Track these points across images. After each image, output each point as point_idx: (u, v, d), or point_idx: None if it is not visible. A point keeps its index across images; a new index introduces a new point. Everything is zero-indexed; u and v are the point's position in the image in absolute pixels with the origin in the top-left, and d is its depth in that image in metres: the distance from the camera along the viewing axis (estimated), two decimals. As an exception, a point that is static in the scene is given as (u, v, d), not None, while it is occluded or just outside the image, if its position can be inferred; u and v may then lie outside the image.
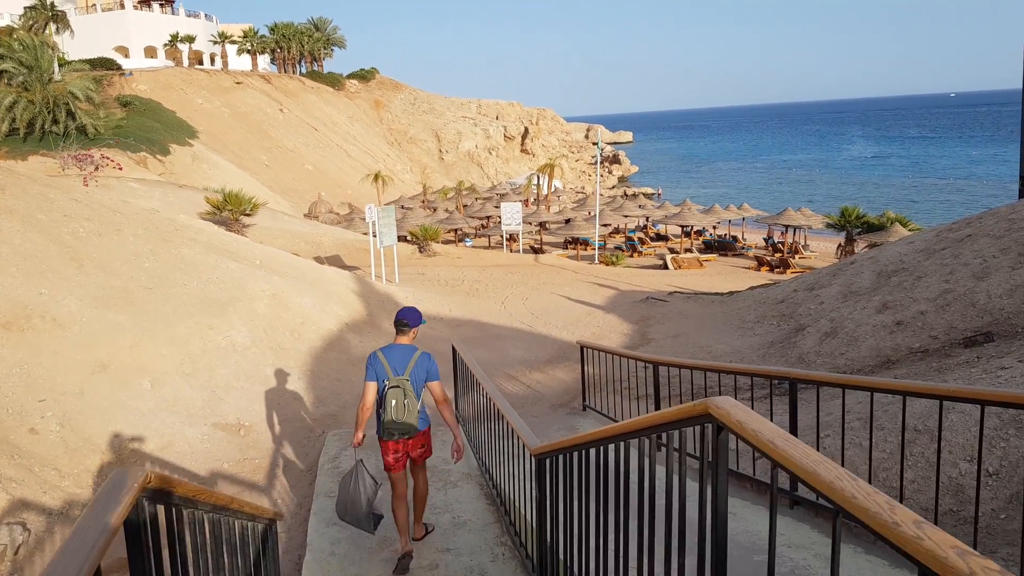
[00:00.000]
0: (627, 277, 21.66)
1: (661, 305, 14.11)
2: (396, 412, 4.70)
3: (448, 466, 6.61)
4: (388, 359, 4.80)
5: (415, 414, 4.79)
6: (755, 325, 11.36)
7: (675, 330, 11.91)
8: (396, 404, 4.70)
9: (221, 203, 18.03)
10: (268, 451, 7.38)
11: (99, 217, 9.85)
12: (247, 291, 9.69)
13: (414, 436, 4.87)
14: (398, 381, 4.70)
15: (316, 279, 11.98)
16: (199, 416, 7.52)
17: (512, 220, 26.23)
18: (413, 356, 4.82)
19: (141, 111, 48.94)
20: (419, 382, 4.83)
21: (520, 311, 14.24)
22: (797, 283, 12.62)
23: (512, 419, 4.60)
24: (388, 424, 4.75)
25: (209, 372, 8.15)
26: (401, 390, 4.70)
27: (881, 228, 29.29)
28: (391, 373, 4.74)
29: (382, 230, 15.74)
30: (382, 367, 4.77)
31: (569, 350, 11.38)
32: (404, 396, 4.72)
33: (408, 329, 4.93)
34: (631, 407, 7.94)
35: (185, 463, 6.85)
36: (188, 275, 9.42)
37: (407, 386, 4.72)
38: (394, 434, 4.78)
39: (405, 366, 4.77)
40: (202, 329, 8.49)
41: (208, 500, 2.63)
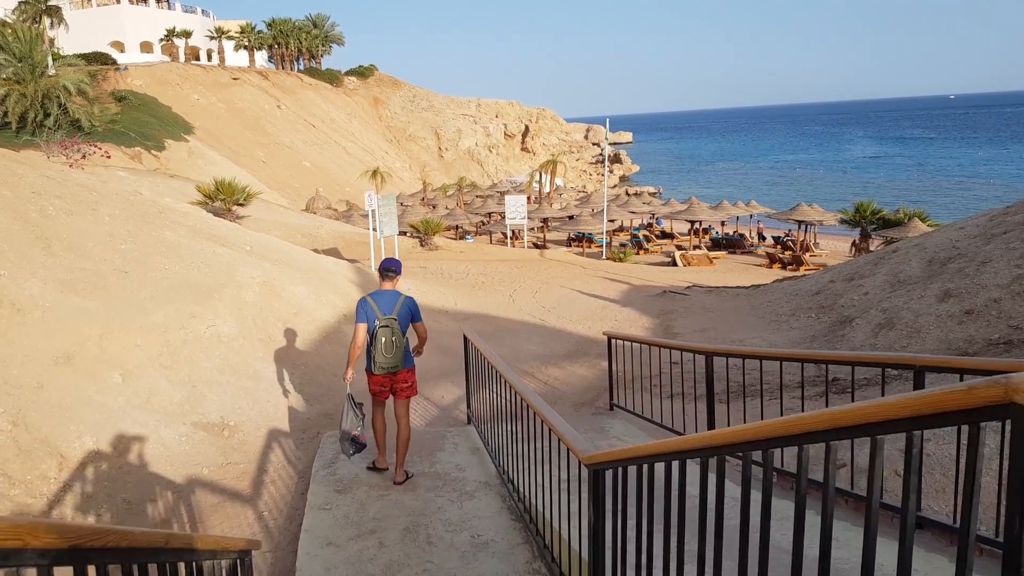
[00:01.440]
0: (637, 273, 20.75)
1: (681, 299, 13.20)
2: (385, 348, 5.32)
3: (462, 473, 5.69)
4: (377, 302, 5.41)
5: (402, 351, 5.40)
6: (790, 318, 10.45)
7: (701, 324, 10.99)
8: (385, 341, 5.32)
9: (213, 192, 17.10)
10: (255, 454, 6.46)
11: (72, 195, 8.92)
12: (235, 277, 8.76)
13: (399, 372, 5.46)
14: (387, 321, 5.32)
15: (312, 267, 11.05)
16: (177, 414, 6.59)
17: (517, 214, 25.32)
18: (399, 300, 5.44)
19: (136, 106, 48.00)
20: (405, 322, 5.44)
21: (530, 305, 13.33)
22: (832, 274, 11.72)
23: (552, 419, 3.68)
24: (378, 359, 5.36)
25: (190, 365, 7.22)
26: (390, 329, 5.32)
27: (897, 224, 28.40)
28: (380, 314, 5.34)
29: (382, 219, 14.81)
30: (372, 309, 5.37)
31: (587, 345, 10.47)
32: (392, 334, 5.33)
33: (394, 275, 5.54)
34: (667, 406, 7.02)
35: (159, 468, 5.92)
36: (169, 259, 8.49)
37: (395, 325, 5.34)
38: (384, 368, 5.38)
39: (392, 308, 5.38)
40: (183, 317, 7.56)
41: (141, 543, 1.71)
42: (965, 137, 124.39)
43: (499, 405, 5.82)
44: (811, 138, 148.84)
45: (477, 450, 6.24)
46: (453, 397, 8.28)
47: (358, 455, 5.71)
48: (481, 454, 6.13)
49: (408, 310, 5.47)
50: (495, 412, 6.00)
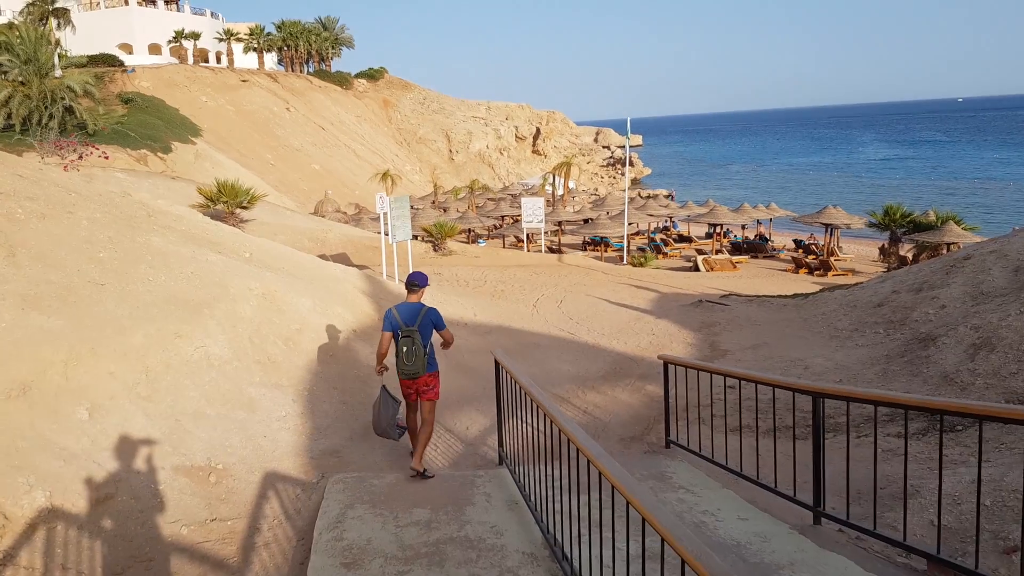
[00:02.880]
0: (662, 279, 19.61)
1: (721, 310, 12.06)
2: (406, 357, 5.80)
3: (499, 539, 4.58)
4: (400, 313, 5.89)
5: (422, 359, 5.83)
6: (853, 334, 9.30)
7: (751, 339, 9.86)
8: (406, 350, 5.79)
9: (215, 194, 16.10)
10: (246, 507, 5.37)
11: (47, 196, 7.90)
12: (230, 290, 7.70)
13: (421, 376, 5.89)
14: (408, 331, 5.79)
15: (317, 276, 9.99)
16: (155, 456, 5.51)
17: (534, 217, 24.20)
18: (421, 311, 5.89)
19: (143, 108, 47.28)
20: (427, 331, 5.89)
21: (556, 316, 12.22)
22: (893, 283, 10.56)
23: (665, 525, 2.54)
24: (400, 366, 5.86)
25: (173, 395, 6.15)
26: (411, 339, 5.79)
27: (929, 228, 27.09)
28: (403, 324, 5.83)
29: (395, 223, 13.74)
30: (396, 320, 5.87)
31: (626, 364, 9.35)
32: (412, 344, 5.79)
33: (418, 288, 6.01)
34: (732, 443, 5.90)
35: (128, 527, 4.85)
36: (155, 268, 7.43)
37: (416, 336, 5.80)
38: (405, 373, 5.86)
39: (415, 319, 5.84)
40: (166, 338, 6.50)
41: None
42: (976, 140, 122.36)
43: (539, 441, 4.74)
44: (821, 141, 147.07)
45: (515, 504, 5.14)
46: (479, 428, 7.18)
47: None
48: (521, 510, 5.02)
49: (430, 320, 5.91)
50: (534, 450, 4.92)
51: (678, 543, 2.35)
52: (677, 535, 2.39)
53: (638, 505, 2.72)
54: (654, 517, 2.56)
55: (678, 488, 5.29)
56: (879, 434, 6.05)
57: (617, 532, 4.03)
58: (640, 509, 2.68)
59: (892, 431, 6.05)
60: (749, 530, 4.33)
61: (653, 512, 2.59)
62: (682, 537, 2.36)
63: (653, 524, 2.54)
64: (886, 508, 4.70)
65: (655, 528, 2.53)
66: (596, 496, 3.49)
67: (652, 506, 2.63)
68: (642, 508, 2.67)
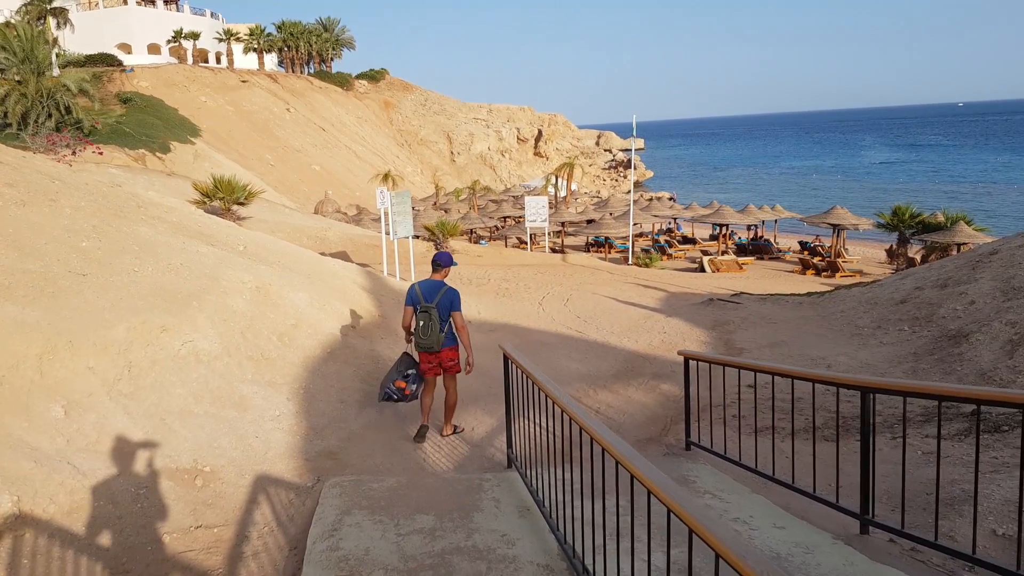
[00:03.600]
0: (668, 279, 19.19)
1: (733, 308, 11.64)
2: (423, 332, 6.14)
3: (511, 549, 4.15)
4: (421, 289, 6.22)
5: (438, 335, 6.13)
6: (876, 331, 8.88)
7: (767, 337, 9.43)
8: (423, 325, 6.14)
9: (211, 190, 15.69)
10: (234, 512, 4.94)
11: (27, 183, 7.48)
12: (221, 282, 7.28)
13: (439, 351, 6.20)
14: (427, 307, 6.10)
15: (315, 271, 9.57)
16: (136, 457, 5.09)
17: (537, 216, 23.77)
18: (441, 289, 6.17)
19: (142, 108, 46.94)
20: (444, 310, 6.15)
21: (563, 314, 11.79)
22: (915, 280, 10.14)
23: (720, 537, 2.13)
24: (416, 339, 6.23)
25: (158, 392, 5.73)
26: (428, 315, 6.10)
27: (938, 228, 26.65)
28: (423, 300, 6.17)
29: (396, 219, 13.33)
30: (416, 295, 6.21)
31: (638, 362, 8.92)
32: (429, 319, 6.09)
33: (441, 268, 6.37)
34: (761, 447, 5.48)
35: (105, 536, 4.42)
36: (142, 259, 7.02)
37: (433, 312, 6.10)
38: (421, 347, 6.22)
39: (434, 296, 6.13)
40: (151, 331, 6.07)
41: None
42: (978, 144, 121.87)
43: (552, 441, 4.34)
44: (822, 145, 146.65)
45: (527, 510, 4.71)
46: (486, 429, 6.76)
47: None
48: (533, 516, 4.59)
49: (448, 300, 6.18)
50: (548, 451, 4.51)
51: (741, 560, 1.92)
52: (737, 551, 1.97)
53: (683, 513, 2.30)
54: (706, 528, 2.14)
55: (703, 493, 4.86)
56: (914, 435, 5.63)
57: (642, 542, 3.63)
58: (687, 518, 2.26)
59: (929, 432, 5.62)
60: (788, 540, 3.91)
61: (703, 522, 2.17)
62: (745, 553, 1.94)
63: (706, 536, 2.12)
64: (938, 516, 4.26)
65: (708, 541, 2.10)
66: (623, 501, 3.09)
67: (702, 515, 2.21)
68: (690, 517, 2.25)
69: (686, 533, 2.25)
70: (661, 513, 2.50)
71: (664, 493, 2.46)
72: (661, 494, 2.48)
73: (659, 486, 2.51)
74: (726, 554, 1.99)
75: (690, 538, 2.32)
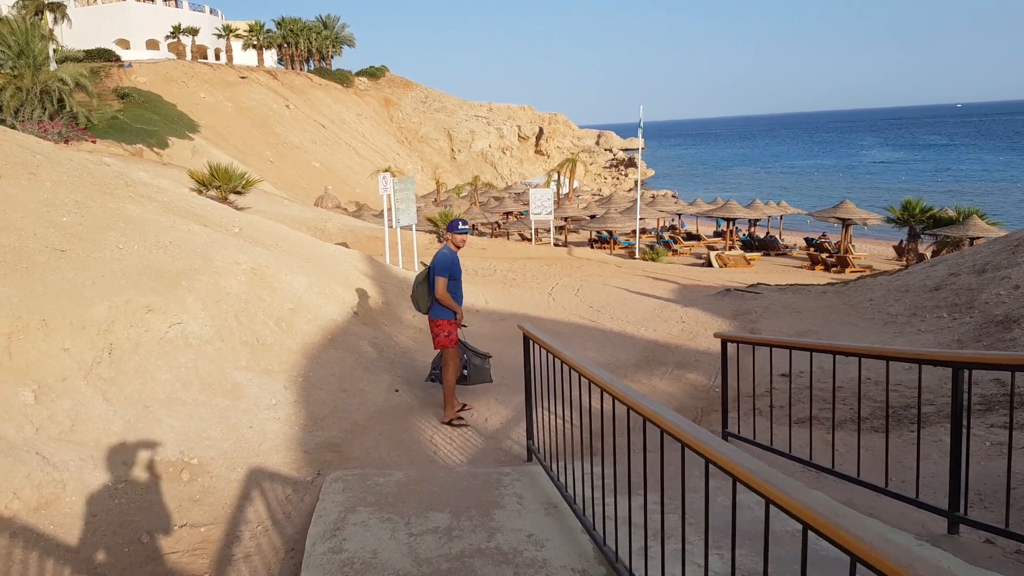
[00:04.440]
0: (677, 272, 18.67)
1: (752, 297, 11.11)
2: (414, 286, 6.28)
3: (540, 551, 3.62)
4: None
5: (424, 298, 6.14)
6: (911, 319, 8.35)
7: (793, 327, 8.90)
8: (415, 282, 6.28)
9: (208, 179, 15.17)
10: (224, 509, 4.41)
11: (6, 155, 6.94)
12: (214, 262, 6.74)
13: (426, 315, 6.23)
14: (425, 269, 6.23)
15: (315, 256, 9.03)
16: (115, 448, 4.55)
17: (543, 209, 23.23)
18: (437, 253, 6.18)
19: (139, 103, 46.35)
20: (432, 272, 6.08)
21: (575, 304, 11.26)
22: (948, 266, 9.62)
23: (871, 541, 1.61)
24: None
25: (142, 377, 5.19)
26: (422, 274, 6.22)
27: (949, 223, 26.12)
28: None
29: (399, 206, 12.81)
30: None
31: (659, 351, 8.39)
32: (424, 278, 6.17)
33: (446, 233, 6.33)
34: (802, 437, 4.95)
35: (72, 534, 3.89)
36: (128, 236, 6.48)
37: (424, 272, 6.21)
38: (416, 308, 6.34)
39: (432, 260, 6.16)
40: (136, 312, 5.54)
41: None
42: (978, 144, 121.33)
43: (584, 431, 3.81)
44: (822, 144, 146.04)
45: (553, 507, 4.18)
46: (500, 420, 6.22)
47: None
48: (562, 514, 4.06)
49: (434, 261, 6.02)
50: (581, 443, 4.00)
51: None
52: (897, 559, 1.44)
53: (795, 506, 1.78)
54: (839, 527, 1.61)
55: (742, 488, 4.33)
56: (979, 426, 5.10)
57: (691, 543, 3.13)
58: (805, 513, 1.74)
59: (994, 421, 5.09)
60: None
61: (835, 519, 1.64)
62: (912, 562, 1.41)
63: (843, 538, 1.59)
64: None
65: (849, 546, 1.57)
66: (681, 496, 2.57)
67: (829, 510, 1.69)
68: (810, 512, 1.72)
69: (795, 531, 1.73)
70: (724, 506, 2.00)
71: (762, 480, 1.94)
72: (759, 483, 1.95)
73: (755, 473, 1.99)
74: (881, 563, 1.46)
75: (804, 537, 1.80)
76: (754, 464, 2.02)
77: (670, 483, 2.87)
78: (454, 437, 5.80)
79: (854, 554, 1.57)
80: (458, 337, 6.23)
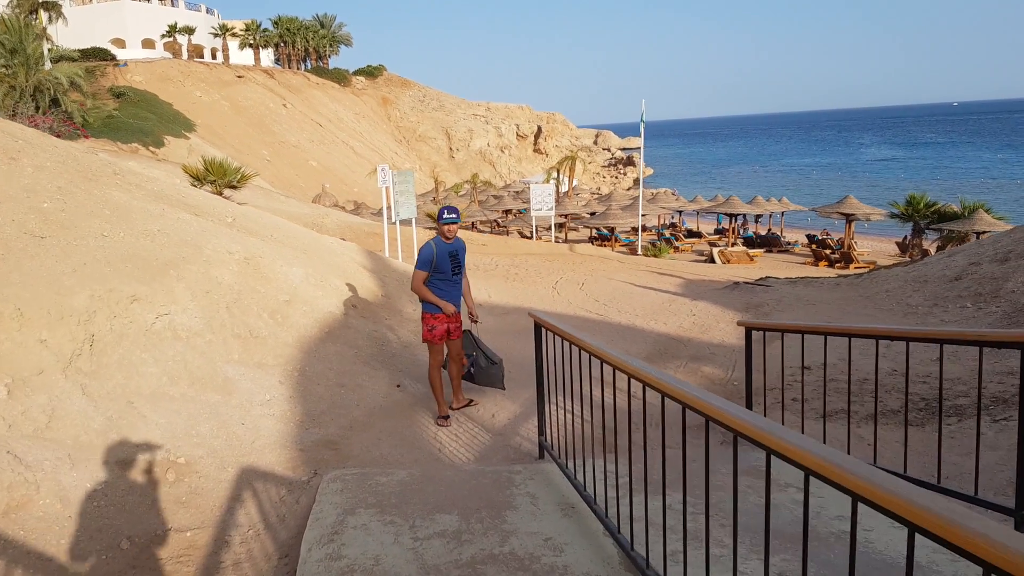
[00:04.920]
0: (681, 268, 18.34)
1: (763, 291, 10.78)
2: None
3: (558, 557, 3.28)
4: None
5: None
6: (933, 309, 8.02)
7: (811, 319, 8.57)
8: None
9: (202, 173, 14.81)
10: (213, 513, 4.07)
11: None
12: (204, 251, 6.40)
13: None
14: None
15: (312, 247, 8.69)
16: (95, 446, 4.21)
17: (544, 204, 22.89)
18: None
19: (135, 102, 45.99)
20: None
21: (580, 298, 10.93)
22: (967, 256, 9.30)
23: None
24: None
25: (126, 371, 4.85)
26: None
27: (954, 218, 25.82)
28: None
29: (398, 199, 12.47)
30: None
31: (672, 345, 8.06)
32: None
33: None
34: (835, 432, 4.62)
35: (45, 539, 3.54)
36: (113, 224, 6.14)
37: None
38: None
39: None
40: (120, 301, 5.19)
41: None
42: (975, 142, 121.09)
43: (606, 424, 3.49)
44: (820, 143, 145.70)
45: (571, 508, 3.84)
46: (508, 416, 5.88)
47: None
48: (580, 515, 3.73)
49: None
50: (600, 437, 3.69)
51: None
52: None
53: (902, 504, 1.44)
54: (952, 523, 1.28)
55: (785, 487, 4.00)
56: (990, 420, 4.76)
57: (742, 548, 2.81)
58: (912, 511, 1.41)
59: (1010, 414, 4.75)
60: (920, 543, 3.04)
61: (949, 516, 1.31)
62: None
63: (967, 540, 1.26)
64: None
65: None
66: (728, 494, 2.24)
67: (942, 508, 1.35)
68: (920, 511, 1.39)
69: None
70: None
71: (846, 471, 1.61)
72: (841, 473, 1.62)
73: (833, 463, 1.66)
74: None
75: (910, 539, 1.47)
76: (839, 457, 1.68)
77: (698, 479, 2.55)
78: (460, 434, 5.46)
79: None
80: (463, 334, 5.96)
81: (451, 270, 5.69)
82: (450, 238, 5.66)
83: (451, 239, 5.67)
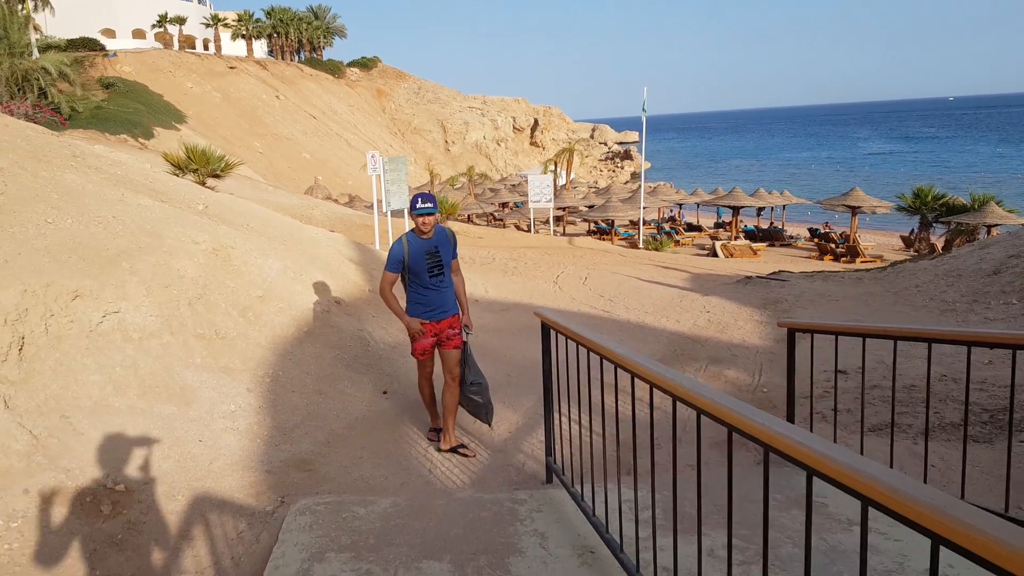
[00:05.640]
0: (685, 262, 17.64)
1: (779, 285, 10.09)
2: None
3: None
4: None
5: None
6: (973, 306, 7.34)
7: (837, 316, 7.88)
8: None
9: (184, 161, 14.05)
10: (154, 555, 3.35)
11: (-84, 114, 5.84)
12: (165, 240, 5.66)
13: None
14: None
15: (291, 237, 7.96)
16: (13, 474, 3.49)
17: (542, 196, 22.15)
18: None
19: (124, 93, 45.06)
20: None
21: (584, 293, 10.23)
22: (1004, 248, 8.62)
23: None
24: None
25: (62, 379, 4.13)
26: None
27: (962, 210, 25.16)
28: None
29: (389, 187, 11.74)
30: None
31: (687, 345, 7.35)
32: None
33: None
34: (879, 447, 3.93)
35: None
36: (60, 209, 5.40)
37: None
38: None
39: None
40: (59, 298, 4.46)
41: None
42: (973, 136, 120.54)
43: (615, 447, 2.80)
44: (817, 137, 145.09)
45: (590, 551, 3.14)
46: (509, 428, 5.17)
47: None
48: (602, 562, 3.02)
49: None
50: (616, 460, 3.00)
51: None
52: None
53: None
54: None
55: (842, 521, 3.31)
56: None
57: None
58: None
59: None
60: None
61: None
62: None
63: None
64: None
65: None
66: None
67: None
68: None
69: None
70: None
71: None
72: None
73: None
74: None
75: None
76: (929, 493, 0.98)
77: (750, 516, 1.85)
78: (453, 456, 4.74)
79: None
80: (460, 344, 4.80)
81: (428, 271, 4.59)
82: (426, 232, 4.54)
83: (427, 233, 4.55)
